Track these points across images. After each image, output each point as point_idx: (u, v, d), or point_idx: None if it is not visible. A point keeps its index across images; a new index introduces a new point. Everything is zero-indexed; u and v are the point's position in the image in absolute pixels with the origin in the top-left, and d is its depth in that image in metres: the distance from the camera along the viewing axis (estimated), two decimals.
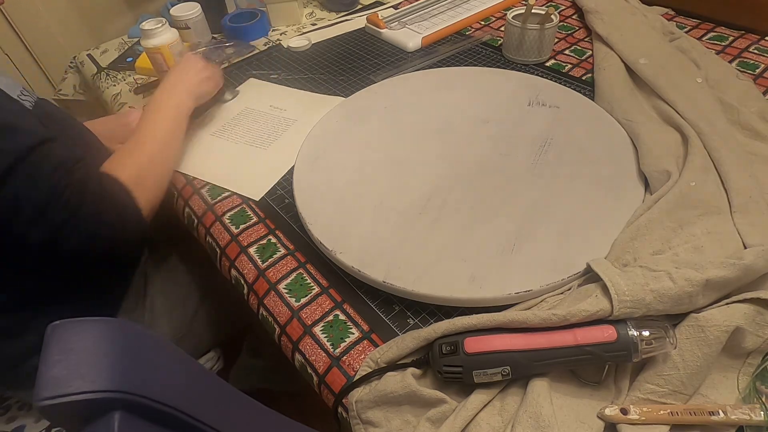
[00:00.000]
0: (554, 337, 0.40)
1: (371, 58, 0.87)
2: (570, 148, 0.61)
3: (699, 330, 0.39)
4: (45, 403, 0.23)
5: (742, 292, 0.41)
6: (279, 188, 0.63)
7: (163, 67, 0.76)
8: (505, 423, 0.39)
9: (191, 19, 0.88)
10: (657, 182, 0.54)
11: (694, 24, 0.86)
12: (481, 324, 0.41)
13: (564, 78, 0.77)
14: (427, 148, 0.64)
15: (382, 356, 0.43)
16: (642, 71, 0.69)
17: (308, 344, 0.47)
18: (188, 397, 0.28)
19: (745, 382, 0.40)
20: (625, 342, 0.38)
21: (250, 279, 0.54)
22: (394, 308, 0.49)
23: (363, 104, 0.72)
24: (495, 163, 0.60)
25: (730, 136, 0.58)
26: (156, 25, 0.75)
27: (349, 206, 0.56)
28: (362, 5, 1.08)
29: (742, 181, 0.51)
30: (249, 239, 0.57)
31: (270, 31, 1.01)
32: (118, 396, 0.24)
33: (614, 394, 0.41)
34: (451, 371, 0.40)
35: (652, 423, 0.38)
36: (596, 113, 0.66)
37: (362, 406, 0.42)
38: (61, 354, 0.24)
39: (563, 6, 0.98)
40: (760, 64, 0.74)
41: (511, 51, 0.82)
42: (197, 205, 0.64)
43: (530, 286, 0.46)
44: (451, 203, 0.55)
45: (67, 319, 0.26)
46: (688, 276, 0.40)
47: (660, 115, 0.64)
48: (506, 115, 0.67)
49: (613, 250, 0.48)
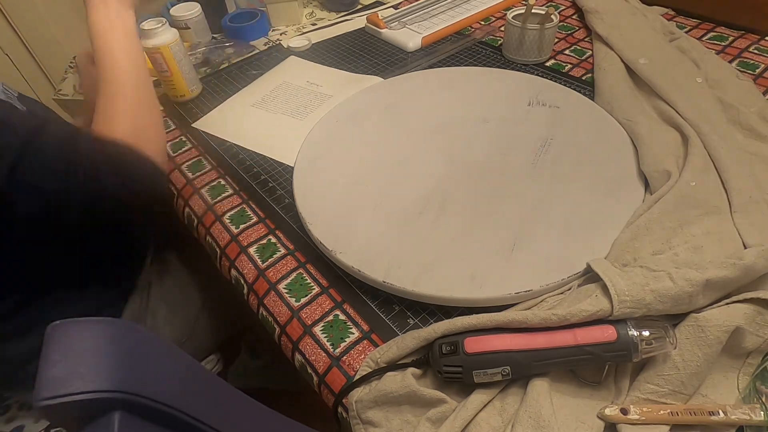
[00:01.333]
0: (554, 337, 0.40)
1: (371, 58, 0.87)
2: (570, 148, 0.61)
3: (699, 330, 0.39)
4: (45, 403, 0.23)
5: (742, 292, 0.41)
6: (279, 188, 0.63)
7: (163, 67, 0.76)
8: (505, 423, 0.39)
9: (191, 19, 0.88)
10: (657, 182, 0.54)
11: (694, 24, 0.86)
12: (481, 324, 0.41)
13: (564, 78, 0.77)
14: (427, 147, 0.64)
15: (382, 356, 0.43)
16: (642, 71, 0.69)
17: (308, 344, 0.47)
18: (188, 397, 0.28)
19: (745, 382, 0.40)
20: (625, 342, 0.38)
21: (250, 279, 0.54)
22: (394, 308, 0.49)
23: (363, 104, 0.72)
24: (495, 163, 0.60)
25: (730, 136, 0.58)
26: (156, 25, 0.74)
27: (349, 206, 0.56)
28: (362, 5, 1.08)
29: (742, 181, 0.51)
30: (249, 239, 0.57)
31: (270, 31, 1.01)
32: (118, 396, 0.24)
33: (614, 394, 0.41)
34: (451, 371, 0.40)
35: (652, 423, 0.38)
36: (596, 113, 0.66)
37: (362, 406, 0.42)
38: (61, 354, 0.24)
39: (563, 6, 0.98)
40: (760, 64, 0.74)
41: (511, 51, 0.82)
42: (197, 205, 0.64)
43: (530, 286, 0.46)
44: (451, 203, 0.55)
45: (67, 319, 0.26)
46: (688, 276, 0.40)
47: (660, 115, 0.64)
48: (506, 115, 0.67)
49: (613, 250, 0.48)
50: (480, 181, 0.58)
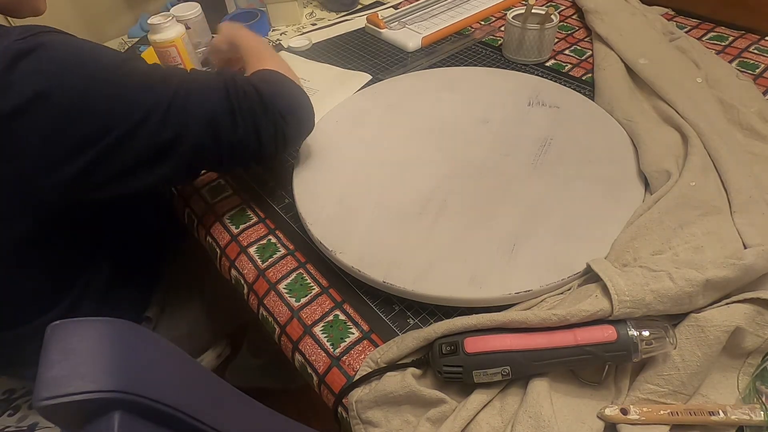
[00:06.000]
0: (554, 337, 0.40)
1: (371, 58, 0.87)
2: (570, 148, 0.61)
3: (699, 330, 0.39)
4: (45, 403, 0.23)
5: (742, 292, 0.41)
6: (279, 188, 0.63)
7: (176, 61, 0.75)
8: (505, 423, 0.39)
9: (191, 19, 0.87)
10: (657, 182, 0.54)
11: (694, 24, 0.86)
12: (481, 324, 0.41)
13: (564, 78, 0.77)
14: (427, 147, 0.64)
15: (382, 356, 0.43)
16: (642, 71, 0.69)
17: (308, 344, 0.47)
18: (188, 396, 0.28)
19: (745, 382, 0.40)
20: (625, 342, 0.38)
21: (250, 279, 0.54)
22: (394, 308, 0.49)
23: (363, 104, 0.72)
24: (495, 163, 0.60)
25: (730, 136, 0.58)
26: (165, 20, 0.74)
27: (349, 206, 0.56)
28: (362, 5, 1.08)
29: (742, 181, 0.51)
30: (249, 239, 0.57)
31: (270, 31, 1.01)
32: (118, 396, 0.24)
33: (614, 394, 0.40)
34: (451, 371, 0.40)
35: (652, 423, 0.38)
36: (596, 113, 0.66)
37: (362, 406, 0.42)
38: (61, 354, 0.24)
39: (563, 6, 0.98)
40: (760, 64, 0.74)
41: (511, 51, 0.82)
42: (197, 205, 0.64)
43: (530, 286, 0.46)
44: (451, 203, 0.55)
45: (67, 319, 0.26)
46: (688, 276, 0.40)
47: (660, 115, 0.64)
48: (506, 115, 0.67)
49: (613, 250, 0.48)
50: (480, 181, 0.58)
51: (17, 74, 0.40)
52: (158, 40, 0.76)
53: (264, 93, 0.50)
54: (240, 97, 0.49)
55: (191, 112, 0.47)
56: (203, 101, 0.48)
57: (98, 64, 0.45)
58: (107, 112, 0.44)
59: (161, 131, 0.46)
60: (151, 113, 0.45)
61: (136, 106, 0.45)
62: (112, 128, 0.44)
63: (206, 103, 0.48)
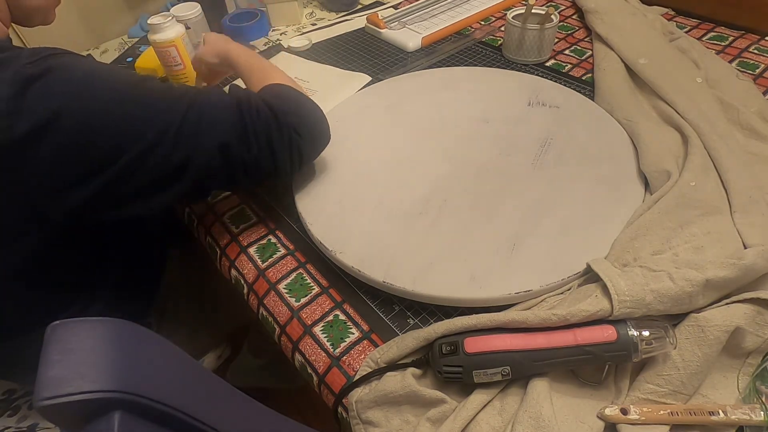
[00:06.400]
0: (554, 337, 0.40)
1: (371, 58, 0.87)
2: (570, 148, 0.61)
3: (699, 330, 0.39)
4: (45, 403, 0.23)
5: (742, 292, 0.41)
6: (279, 188, 0.63)
7: (176, 60, 0.75)
8: (505, 423, 0.39)
9: (191, 19, 0.87)
10: (657, 182, 0.54)
11: (694, 24, 0.86)
12: (481, 324, 0.41)
13: (564, 78, 0.77)
14: (428, 148, 0.64)
15: (382, 356, 0.43)
16: (642, 71, 0.69)
17: (308, 344, 0.47)
18: (188, 397, 0.28)
19: (745, 382, 0.40)
20: (625, 342, 0.38)
21: (250, 279, 0.54)
22: (394, 308, 0.49)
23: (363, 104, 0.72)
24: (495, 163, 0.60)
25: (730, 135, 0.58)
26: (164, 20, 0.74)
27: (349, 206, 0.56)
28: (362, 5, 1.08)
29: (742, 181, 0.51)
30: (249, 239, 0.57)
31: (270, 31, 1.01)
32: (118, 396, 0.24)
33: (614, 394, 0.41)
34: (451, 371, 0.40)
35: (652, 423, 0.38)
36: (596, 113, 0.66)
37: (362, 406, 0.42)
38: (61, 354, 0.24)
39: (563, 6, 0.98)
40: (760, 64, 0.74)
41: (511, 51, 0.82)
42: (197, 205, 0.64)
43: (530, 286, 0.46)
44: (451, 203, 0.55)
45: (67, 319, 0.26)
46: (688, 276, 0.40)
47: (660, 115, 0.64)
48: (506, 115, 0.67)
49: (613, 250, 0.48)
50: (480, 181, 0.58)
51: (28, 100, 0.40)
52: (158, 40, 0.76)
53: (278, 110, 0.50)
54: (253, 116, 0.49)
55: (203, 133, 0.47)
56: (215, 122, 0.48)
57: (109, 87, 0.45)
58: (119, 135, 0.44)
59: (173, 153, 0.46)
60: (162, 135, 0.45)
61: (147, 128, 0.45)
62: (123, 151, 0.44)
63: (218, 124, 0.48)
